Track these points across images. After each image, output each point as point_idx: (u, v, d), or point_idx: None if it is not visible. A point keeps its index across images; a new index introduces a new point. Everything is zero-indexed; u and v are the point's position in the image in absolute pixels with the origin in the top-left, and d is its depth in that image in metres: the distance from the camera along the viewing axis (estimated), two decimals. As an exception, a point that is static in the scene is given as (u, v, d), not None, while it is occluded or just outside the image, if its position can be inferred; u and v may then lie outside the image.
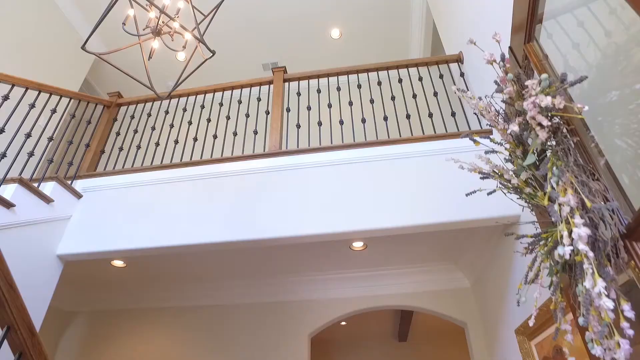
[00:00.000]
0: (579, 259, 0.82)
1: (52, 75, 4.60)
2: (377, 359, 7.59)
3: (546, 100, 0.88)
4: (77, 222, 3.10)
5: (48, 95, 3.26)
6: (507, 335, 2.85)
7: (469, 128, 3.25)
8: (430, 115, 3.31)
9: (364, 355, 7.70)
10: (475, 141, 1.25)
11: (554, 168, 0.89)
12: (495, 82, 1.12)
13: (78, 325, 4.28)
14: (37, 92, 3.20)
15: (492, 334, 3.22)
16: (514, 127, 0.99)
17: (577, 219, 0.79)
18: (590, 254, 0.80)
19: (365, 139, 3.13)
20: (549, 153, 0.93)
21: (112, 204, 3.12)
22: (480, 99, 1.21)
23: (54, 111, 3.24)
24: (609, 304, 0.76)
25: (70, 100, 3.53)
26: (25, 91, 3.08)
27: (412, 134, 3.16)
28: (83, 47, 2.45)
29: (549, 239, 1.00)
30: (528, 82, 0.96)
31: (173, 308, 4.19)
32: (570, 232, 0.83)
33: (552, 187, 0.88)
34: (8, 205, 2.65)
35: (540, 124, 0.92)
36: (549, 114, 0.93)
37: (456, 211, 2.58)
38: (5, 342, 1.51)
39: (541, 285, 1.04)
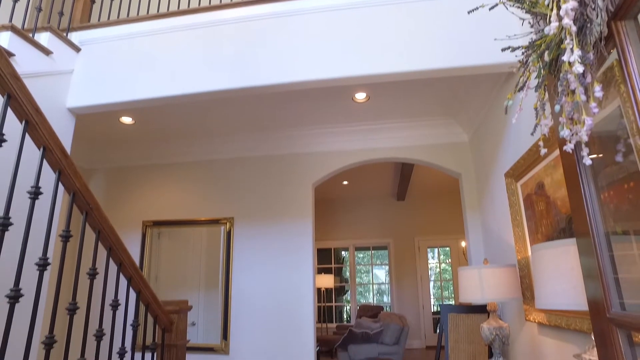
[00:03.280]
0: (564, 46, 0.86)
1: None
2: (378, 215, 8.27)
3: None
4: (80, 75, 3.11)
5: None
6: (497, 180, 3.07)
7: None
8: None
9: (365, 212, 8.37)
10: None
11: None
12: None
13: (98, 181, 4.62)
14: None
15: (484, 180, 3.46)
16: None
17: (568, -5, 0.81)
18: (574, 29, 0.84)
19: (370, -19, 2.91)
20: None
21: (113, 56, 3.09)
22: None
23: (31, -49, 2.98)
24: (579, 68, 0.82)
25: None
26: None
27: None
28: None
29: (542, 45, 1.03)
30: None
31: (183, 163, 4.45)
32: (558, 11, 0.86)
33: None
34: (8, 54, 2.63)
35: None
36: None
37: (463, 56, 2.56)
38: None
39: (528, 87, 1.11)
